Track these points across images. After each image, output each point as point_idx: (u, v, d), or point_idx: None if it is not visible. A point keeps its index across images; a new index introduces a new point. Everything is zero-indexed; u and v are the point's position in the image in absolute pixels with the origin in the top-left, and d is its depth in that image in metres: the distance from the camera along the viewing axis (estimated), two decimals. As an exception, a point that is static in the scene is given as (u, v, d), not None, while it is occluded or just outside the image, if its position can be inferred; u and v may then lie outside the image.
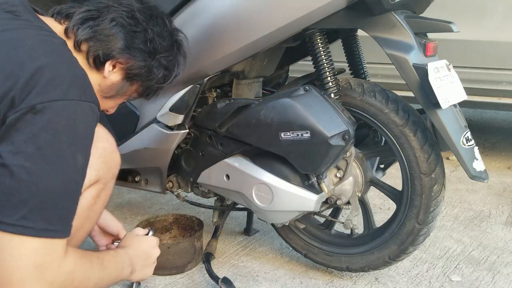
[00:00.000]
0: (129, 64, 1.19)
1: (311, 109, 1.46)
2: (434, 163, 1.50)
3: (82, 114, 1.02)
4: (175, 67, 1.28)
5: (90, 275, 1.08)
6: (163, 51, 1.23)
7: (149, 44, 1.20)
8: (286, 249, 1.94)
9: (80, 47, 1.15)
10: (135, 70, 1.20)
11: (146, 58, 1.20)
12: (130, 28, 1.17)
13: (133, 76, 1.21)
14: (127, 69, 1.19)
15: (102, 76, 1.18)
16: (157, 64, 1.23)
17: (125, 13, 1.18)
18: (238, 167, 1.61)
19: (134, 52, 1.18)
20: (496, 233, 2.12)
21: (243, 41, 1.50)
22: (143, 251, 1.35)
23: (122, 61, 1.18)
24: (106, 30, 1.15)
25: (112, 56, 1.16)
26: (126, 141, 1.74)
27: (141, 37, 1.19)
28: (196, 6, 1.56)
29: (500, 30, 2.74)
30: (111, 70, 1.18)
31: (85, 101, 1.03)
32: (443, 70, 1.42)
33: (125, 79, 1.21)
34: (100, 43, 1.15)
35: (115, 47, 1.16)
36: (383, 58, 1.53)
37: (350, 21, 1.47)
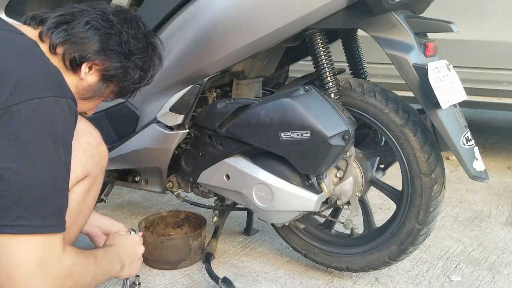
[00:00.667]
0: (105, 65, 1.21)
1: (311, 109, 1.46)
2: (434, 163, 1.50)
3: (59, 110, 1.02)
4: (151, 68, 1.30)
5: (87, 270, 1.10)
6: (138, 53, 1.25)
7: (124, 46, 1.22)
8: (286, 249, 1.94)
9: (55, 50, 1.17)
10: (111, 72, 1.22)
11: (122, 60, 1.22)
12: (104, 31, 1.20)
13: (109, 78, 1.23)
14: (103, 70, 1.21)
15: (79, 78, 1.20)
16: (133, 65, 1.25)
17: (99, 16, 1.20)
18: (238, 167, 1.61)
19: (109, 53, 1.20)
20: (496, 233, 2.12)
21: (243, 41, 1.51)
22: (129, 248, 1.37)
23: (98, 63, 1.20)
24: (81, 33, 1.18)
25: (88, 58, 1.18)
26: (126, 141, 1.74)
27: (116, 39, 1.21)
28: (196, 6, 1.56)
29: (500, 30, 2.74)
30: (87, 72, 1.20)
31: (61, 97, 1.04)
32: (443, 70, 1.42)
33: (102, 80, 1.23)
34: (76, 46, 1.17)
35: (90, 49, 1.18)
36: (383, 58, 1.53)
37: (350, 21, 1.47)
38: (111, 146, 1.74)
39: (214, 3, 1.53)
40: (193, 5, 1.56)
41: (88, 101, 1.26)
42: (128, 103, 1.73)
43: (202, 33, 1.55)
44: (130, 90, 1.31)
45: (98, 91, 1.24)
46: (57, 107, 1.02)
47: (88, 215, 1.32)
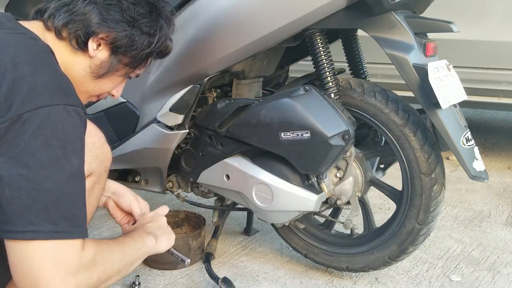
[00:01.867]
0: (110, 37, 1.20)
1: (311, 109, 1.46)
2: (434, 163, 1.50)
3: (68, 118, 1.03)
4: (157, 31, 1.27)
5: (111, 255, 1.10)
6: (141, 18, 1.23)
7: (125, 14, 1.21)
8: (286, 249, 1.94)
9: (61, 34, 1.17)
10: (118, 42, 1.21)
11: (126, 28, 1.21)
12: (103, 2, 1.19)
13: (117, 49, 1.22)
14: (110, 43, 1.20)
15: (89, 56, 1.20)
16: (139, 32, 1.23)
17: None
18: (238, 167, 1.61)
19: (111, 24, 1.19)
20: (496, 233, 2.12)
21: (243, 41, 1.50)
22: (150, 221, 1.34)
23: (103, 36, 1.20)
24: (81, 10, 1.18)
25: (92, 33, 1.18)
26: (126, 141, 1.74)
27: (116, 9, 1.20)
28: (196, 5, 1.56)
29: (500, 30, 2.74)
30: (96, 49, 1.20)
31: (70, 105, 1.04)
32: (443, 70, 1.42)
33: (112, 54, 1.22)
34: (78, 24, 1.17)
35: (92, 23, 1.18)
36: (383, 58, 1.53)
37: (350, 21, 1.47)
38: (111, 146, 1.73)
39: (214, 3, 1.53)
40: (193, 5, 1.56)
41: (105, 78, 1.25)
42: (128, 103, 1.73)
43: (202, 33, 1.55)
44: (142, 58, 1.28)
45: (111, 66, 1.23)
46: (67, 114, 1.02)
47: (92, 212, 1.32)
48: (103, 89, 1.28)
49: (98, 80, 1.23)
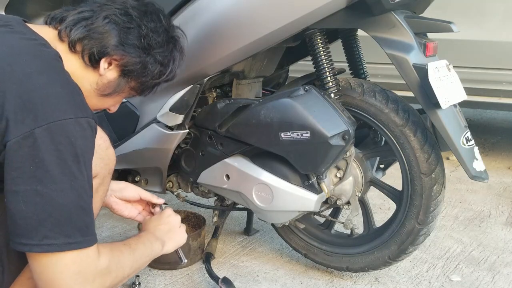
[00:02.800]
0: (124, 60, 1.19)
1: (311, 109, 1.46)
2: (434, 163, 1.50)
3: (81, 131, 1.04)
4: (171, 63, 1.28)
5: (123, 262, 1.15)
6: (158, 47, 1.23)
7: (143, 40, 1.20)
8: (286, 249, 1.94)
9: (75, 48, 1.16)
10: (130, 66, 1.20)
11: (141, 54, 1.21)
12: (123, 25, 1.18)
13: (128, 73, 1.21)
14: (122, 65, 1.20)
15: (98, 74, 1.19)
16: (152, 60, 1.23)
17: (118, 11, 1.19)
18: (238, 167, 1.61)
19: (128, 48, 1.19)
20: (496, 233, 2.12)
21: (243, 41, 1.50)
22: (161, 223, 1.37)
23: (116, 58, 1.19)
24: (100, 28, 1.16)
25: (106, 53, 1.17)
26: (126, 141, 1.74)
27: (135, 33, 1.19)
28: (196, 6, 1.56)
29: (500, 30, 2.74)
30: (107, 68, 1.19)
31: (82, 117, 1.05)
32: (443, 70, 1.42)
33: (121, 76, 1.22)
34: (94, 41, 1.16)
35: (109, 43, 1.17)
36: (383, 58, 1.53)
37: (350, 21, 1.47)
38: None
39: (214, 3, 1.53)
40: (193, 5, 1.56)
41: (109, 97, 1.25)
42: (128, 103, 1.73)
43: (202, 33, 1.55)
44: (150, 86, 1.29)
45: (118, 87, 1.23)
46: (79, 127, 1.04)
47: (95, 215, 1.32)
48: (104, 105, 1.28)
49: (102, 97, 1.23)
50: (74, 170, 1.02)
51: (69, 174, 1.01)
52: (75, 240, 1.01)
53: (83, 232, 1.03)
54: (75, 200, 1.02)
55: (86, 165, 1.04)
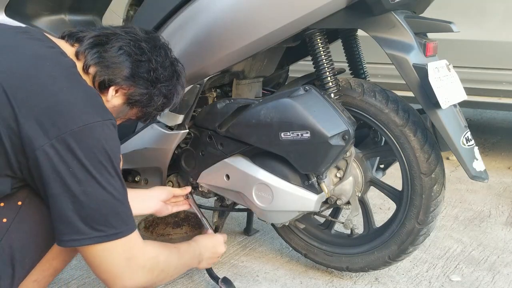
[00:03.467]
0: (132, 90, 1.26)
1: (311, 109, 1.46)
2: (434, 163, 1.50)
3: (109, 132, 1.12)
4: (174, 96, 1.35)
5: (171, 260, 1.27)
6: (164, 81, 1.30)
7: (152, 73, 1.27)
8: (286, 249, 1.94)
9: (88, 70, 1.21)
10: (137, 97, 1.27)
11: (148, 86, 1.27)
12: (136, 57, 1.25)
13: (134, 102, 1.28)
14: (129, 95, 1.26)
15: (105, 99, 1.24)
16: (158, 92, 1.30)
17: (132, 42, 1.25)
18: (238, 167, 1.61)
19: (137, 80, 1.25)
20: (496, 233, 2.12)
21: (243, 41, 1.50)
22: (212, 246, 1.52)
23: (125, 88, 1.25)
24: (114, 58, 1.23)
25: (116, 83, 1.24)
26: (126, 141, 1.74)
27: (145, 66, 1.26)
28: (196, 5, 1.55)
29: (500, 30, 2.74)
30: (114, 95, 1.25)
31: (107, 119, 1.12)
32: (443, 70, 1.42)
33: (126, 103, 1.28)
34: (107, 69, 1.22)
35: (121, 74, 1.23)
36: (383, 58, 1.53)
37: (350, 21, 1.47)
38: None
39: (214, 3, 1.53)
40: (193, 5, 1.56)
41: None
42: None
43: (202, 33, 1.55)
44: (152, 116, 1.37)
45: (121, 113, 1.30)
46: (107, 129, 1.11)
47: None
48: None
49: None
50: (109, 168, 1.10)
51: (106, 173, 1.09)
52: (120, 229, 1.12)
53: (124, 221, 1.13)
54: (114, 195, 1.11)
55: (116, 163, 1.13)
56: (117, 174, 1.13)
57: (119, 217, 1.12)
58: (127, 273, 1.16)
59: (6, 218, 1.11)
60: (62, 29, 1.76)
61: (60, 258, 1.26)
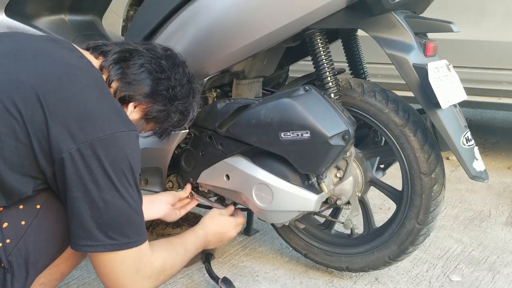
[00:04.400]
0: (150, 107, 1.29)
1: (311, 109, 1.46)
2: (434, 163, 1.50)
3: (133, 143, 1.16)
4: (190, 113, 1.38)
5: (177, 261, 1.31)
6: (181, 98, 1.33)
7: (171, 91, 1.30)
8: (286, 249, 1.94)
9: (110, 84, 1.25)
10: (154, 113, 1.30)
11: (166, 104, 1.30)
12: (156, 75, 1.28)
13: (151, 118, 1.31)
14: (147, 111, 1.29)
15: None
16: (175, 109, 1.33)
17: (153, 60, 1.29)
18: (238, 167, 1.61)
19: (156, 97, 1.28)
20: (496, 233, 2.12)
21: (243, 41, 1.50)
22: (220, 233, 1.54)
23: (144, 104, 1.28)
24: (135, 75, 1.26)
25: (136, 99, 1.27)
26: (126, 141, 1.74)
27: (165, 84, 1.29)
28: (196, 5, 1.55)
29: (500, 30, 2.74)
30: (133, 110, 1.28)
31: (132, 130, 1.16)
32: (443, 70, 1.42)
33: (143, 119, 1.31)
34: (128, 86, 1.25)
35: (141, 91, 1.26)
36: (383, 58, 1.53)
37: (350, 21, 1.47)
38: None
39: (214, 3, 1.53)
40: (193, 5, 1.56)
41: None
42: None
43: (202, 33, 1.55)
44: (167, 132, 1.40)
45: (138, 126, 1.32)
46: (131, 139, 1.15)
47: None
48: None
49: None
50: (129, 178, 1.14)
51: (126, 182, 1.13)
52: (133, 239, 1.15)
53: (138, 231, 1.16)
54: (131, 205, 1.14)
55: (136, 173, 1.16)
56: (136, 184, 1.16)
57: (133, 227, 1.15)
58: (134, 283, 1.18)
59: (25, 221, 1.13)
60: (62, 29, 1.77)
61: (67, 263, 1.28)
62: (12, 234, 1.10)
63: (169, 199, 1.60)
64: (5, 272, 1.09)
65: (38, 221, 1.14)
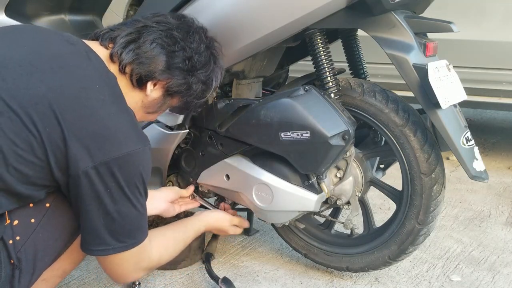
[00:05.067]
0: (169, 82, 1.26)
1: (311, 109, 1.46)
2: (434, 163, 1.50)
3: (146, 158, 1.18)
4: (213, 81, 1.34)
5: (174, 252, 1.40)
6: (201, 67, 1.29)
7: (187, 62, 1.27)
8: (286, 249, 1.94)
9: (124, 70, 1.23)
10: (175, 88, 1.27)
11: (186, 76, 1.27)
12: (169, 49, 1.24)
13: (173, 93, 1.29)
14: (167, 87, 1.27)
15: (144, 94, 1.26)
16: (196, 80, 1.29)
17: (164, 33, 1.25)
18: (238, 167, 1.61)
19: (174, 71, 1.25)
20: (496, 233, 2.12)
21: (243, 41, 1.50)
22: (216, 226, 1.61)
23: (163, 80, 1.26)
24: (148, 53, 1.23)
25: (153, 77, 1.24)
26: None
27: (180, 56, 1.26)
28: (196, 6, 1.55)
29: (500, 30, 2.74)
30: (153, 88, 1.26)
31: (146, 146, 1.18)
32: (443, 70, 1.42)
33: (165, 95, 1.29)
34: (143, 66, 1.23)
35: (156, 68, 1.24)
36: (383, 58, 1.53)
37: (350, 21, 1.46)
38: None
39: (214, 3, 1.53)
40: (193, 5, 1.56)
41: (153, 113, 1.35)
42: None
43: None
44: (194, 105, 1.37)
45: (162, 105, 1.32)
46: (145, 156, 1.18)
47: None
48: (147, 119, 1.39)
49: (146, 114, 1.32)
50: (140, 189, 1.18)
51: (138, 193, 1.18)
52: (139, 239, 1.22)
53: (143, 232, 1.24)
54: (140, 211, 1.20)
55: (147, 182, 1.20)
56: (145, 192, 1.21)
57: (140, 229, 1.22)
58: (132, 273, 1.28)
59: (34, 219, 1.15)
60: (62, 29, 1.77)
61: (70, 260, 1.29)
62: (21, 231, 1.12)
63: (169, 196, 1.61)
64: (14, 269, 1.11)
65: (47, 219, 1.16)
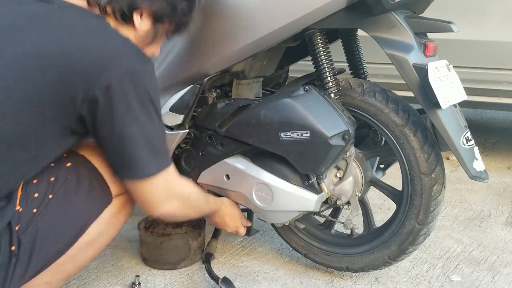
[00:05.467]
0: (153, 8, 1.27)
1: (311, 109, 1.46)
2: (434, 163, 1.50)
3: (150, 75, 1.20)
4: None
5: (199, 202, 1.46)
6: None
7: None
8: (286, 249, 1.94)
9: (106, 11, 1.24)
10: (160, 11, 1.28)
11: None
12: None
13: (160, 18, 1.30)
14: (153, 13, 1.28)
15: (134, 29, 1.27)
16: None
17: None
18: (238, 167, 1.61)
19: None
20: (496, 233, 2.12)
21: (243, 41, 1.50)
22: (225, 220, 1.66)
23: (146, 8, 1.26)
24: None
25: (135, 7, 1.25)
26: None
27: None
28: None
29: (500, 30, 2.74)
30: (140, 20, 1.27)
31: (147, 63, 1.20)
32: (443, 70, 1.42)
33: (155, 23, 1.30)
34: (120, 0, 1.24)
35: None
36: (383, 58, 1.53)
37: (350, 21, 1.47)
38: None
39: (214, 3, 1.53)
40: (193, 5, 1.56)
41: (150, 45, 1.35)
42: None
43: (202, 33, 1.55)
44: (184, 23, 1.38)
45: (156, 34, 1.32)
46: (150, 73, 1.20)
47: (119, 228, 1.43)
48: (148, 53, 1.36)
49: (145, 47, 1.33)
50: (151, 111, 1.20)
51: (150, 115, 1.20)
52: (164, 164, 1.25)
53: (166, 156, 1.28)
54: (157, 134, 1.23)
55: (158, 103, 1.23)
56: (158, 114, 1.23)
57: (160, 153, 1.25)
58: (166, 201, 1.31)
59: (36, 209, 1.16)
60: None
61: (73, 263, 1.27)
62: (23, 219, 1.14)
63: None
64: (11, 256, 1.12)
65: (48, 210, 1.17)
